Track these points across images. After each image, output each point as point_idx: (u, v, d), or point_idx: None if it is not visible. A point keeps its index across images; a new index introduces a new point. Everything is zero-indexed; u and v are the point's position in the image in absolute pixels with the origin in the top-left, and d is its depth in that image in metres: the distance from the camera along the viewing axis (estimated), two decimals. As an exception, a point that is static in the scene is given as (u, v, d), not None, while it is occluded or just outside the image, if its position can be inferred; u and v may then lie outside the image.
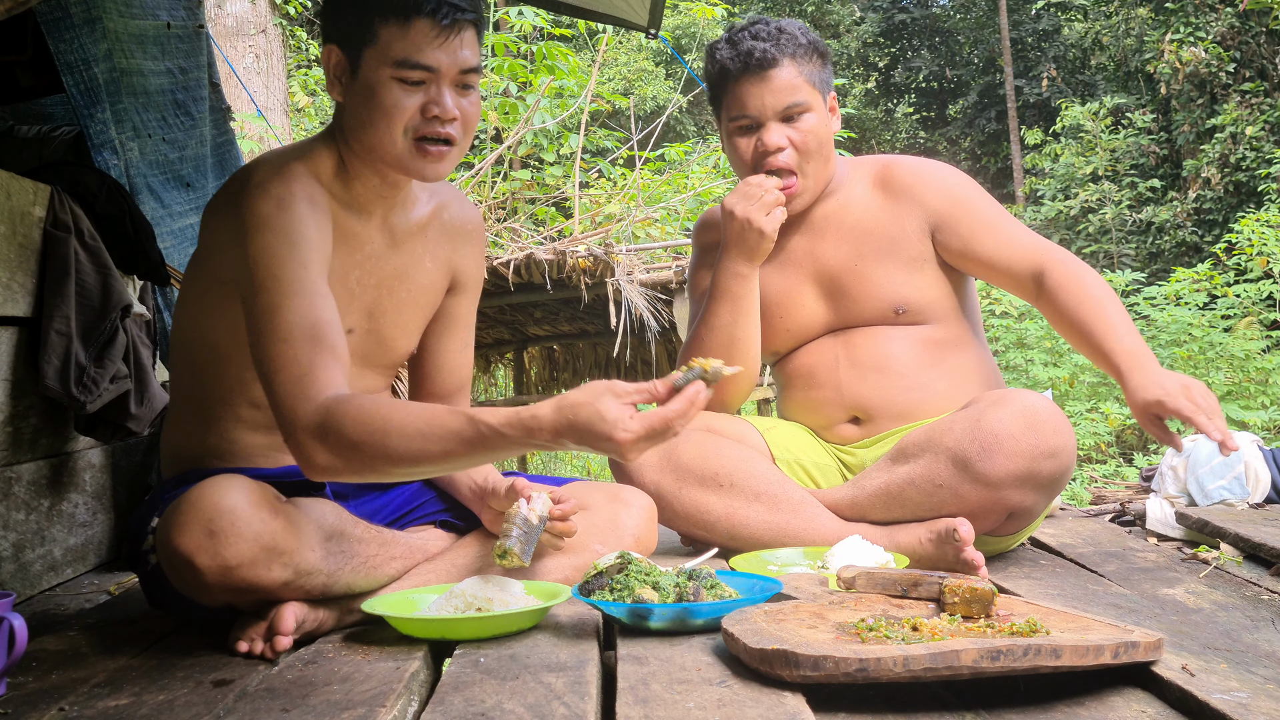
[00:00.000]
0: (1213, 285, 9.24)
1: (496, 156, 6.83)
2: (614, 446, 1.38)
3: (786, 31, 2.17)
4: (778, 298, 2.29)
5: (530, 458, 6.98)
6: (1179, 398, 1.87)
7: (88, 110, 2.77)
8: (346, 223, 1.77)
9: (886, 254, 2.21)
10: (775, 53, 2.14)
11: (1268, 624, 1.57)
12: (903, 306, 2.20)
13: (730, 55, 2.17)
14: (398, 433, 1.44)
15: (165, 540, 1.52)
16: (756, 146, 2.18)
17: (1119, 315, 2.01)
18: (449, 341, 1.98)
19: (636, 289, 4.47)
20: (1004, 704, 1.23)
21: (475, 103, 1.73)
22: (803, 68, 2.16)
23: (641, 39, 3.84)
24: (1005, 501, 1.94)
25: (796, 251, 2.29)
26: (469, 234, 1.95)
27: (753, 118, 2.17)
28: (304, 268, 1.61)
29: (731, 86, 2.18)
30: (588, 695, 1.28)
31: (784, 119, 2.16)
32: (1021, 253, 2.15)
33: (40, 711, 1.35)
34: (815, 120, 2.18)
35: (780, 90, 2.15)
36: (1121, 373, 1.95)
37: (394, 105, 1.66)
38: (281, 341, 1.56)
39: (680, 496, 2.18)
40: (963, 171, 2.28)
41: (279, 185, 1.66)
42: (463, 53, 1.68)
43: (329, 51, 1.71)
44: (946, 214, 2.19)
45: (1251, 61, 13.00)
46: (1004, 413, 1.91)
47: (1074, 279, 2.08)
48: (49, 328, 2.19)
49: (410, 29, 1.64)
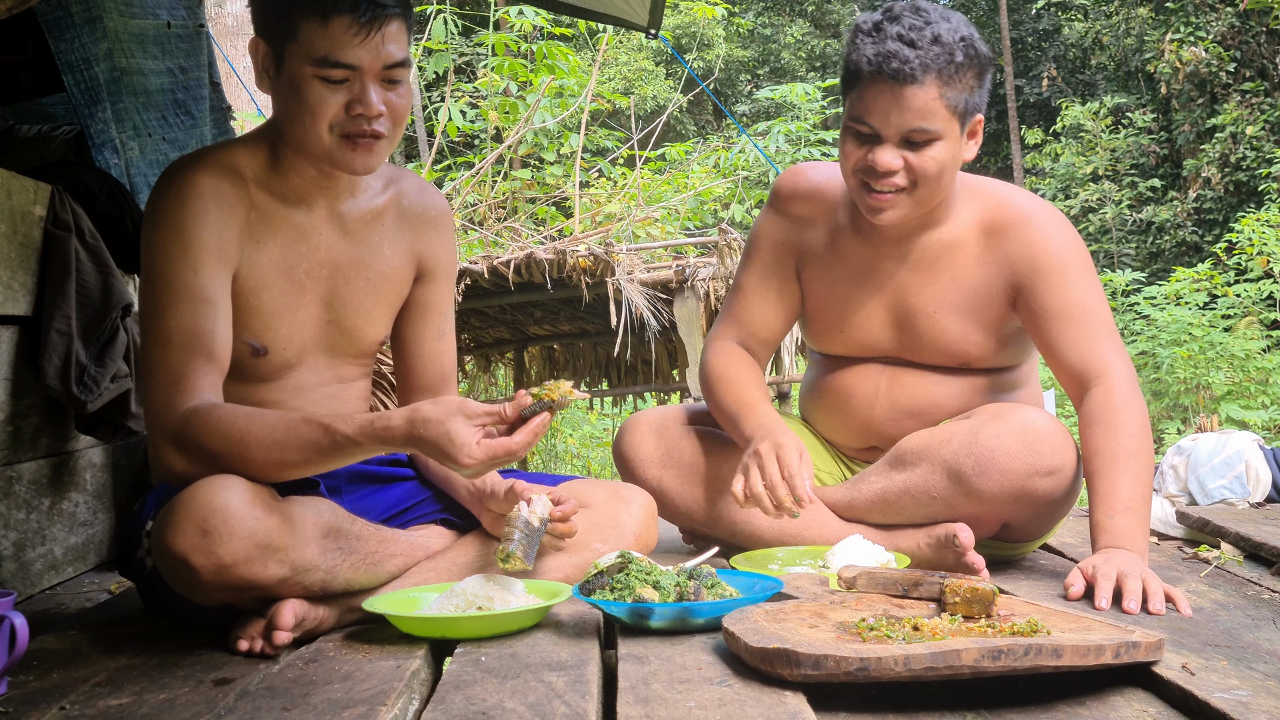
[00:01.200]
0: (1213, 285, 9.24)
1: (497, 156, 6.83)
2: (457, 467, 1.53)
3: (942, 41, 1.85)
4: (845, 309, 2.11)
5: (530, 457, 6.98)
6: (1108, 576, 1.68)
7: (88, 110, 2.77)
8: (284, 214, 1.78)
9: (968, 311, 2.03)
10: (918, 68, 1.83)
11: (1268, 623, 1.57)
12: (971, 360, 2.07)
13: (870, 53, 1.86)
14: (255, 444, 1.56)
15: (160, 542, 1.52)
16: (865, 159, 1.91)
17: (1126, 481, 1.80)
18: (424, 330, 1.98)
19: (637, 288, 4.47)
20: (1005, 704, 1.23)
21: (404, 94, 1.72)
22: (947, 90, 1.86)
23: (642, 38, 3.83)
24: (999, 516, 1.94)
25: (881, 271, 2.08)
26: (432, 220, 1.94)
27: (872, 129, 1.90)
28: (194, 272, 1.67)
29: (861, 82, 1.89)
30: (588, 694, 1.28)
31: (906, 141, 1.89)
32: (1078, 356, 1.95)
33: (41, 710, 1.35)
34: (942, 150, 1.90)
35: (910, 111, 1.86)
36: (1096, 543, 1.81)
37: (317, 103, 1.66)
38: (160, 345, 1.66)
39: (682, 494, 2.18)
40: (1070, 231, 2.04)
41: (182, 183, 1.70)
42: (387, 48, 1.66)
43: (256, 44, 1.72)
44: (1029, 282, 1.98)
45: (1252, 61, 13.00)
46: (1002, 428, 1.90)
47: (1110, 414, 1.86)
48: (49, 327, 2.19)
49: (329, 26, 1.63)
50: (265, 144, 1.77)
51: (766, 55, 18.38)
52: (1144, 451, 1.84)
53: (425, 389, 1.99)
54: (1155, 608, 1.61)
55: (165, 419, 1.63)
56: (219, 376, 1.69)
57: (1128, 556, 1.72)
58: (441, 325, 1.99)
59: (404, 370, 2.00)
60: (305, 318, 1.81)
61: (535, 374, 5.92)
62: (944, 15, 1.90)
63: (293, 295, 1.78)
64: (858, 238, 2.09)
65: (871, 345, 2.12)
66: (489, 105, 7.68)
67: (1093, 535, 1.80)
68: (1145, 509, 1.80)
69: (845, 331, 2.13)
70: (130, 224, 2.57)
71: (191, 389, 1.64)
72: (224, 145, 1.79)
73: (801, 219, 2.15)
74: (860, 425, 2.14)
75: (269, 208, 1.76)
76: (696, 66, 14.79)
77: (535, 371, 5.93)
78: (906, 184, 1.91)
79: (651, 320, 4.44)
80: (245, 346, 1.76)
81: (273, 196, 1.77)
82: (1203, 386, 7.65)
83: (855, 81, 1.91)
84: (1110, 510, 1.78)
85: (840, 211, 2.12)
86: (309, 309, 1.81)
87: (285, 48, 1.67)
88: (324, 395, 1.87)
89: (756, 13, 18.86)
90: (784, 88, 11.91)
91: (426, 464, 1.95)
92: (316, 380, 1.85)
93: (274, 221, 1.76)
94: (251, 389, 1.79)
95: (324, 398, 1.87)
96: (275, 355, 1.80)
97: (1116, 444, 1.83)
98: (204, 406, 1.60)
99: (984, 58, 1.91)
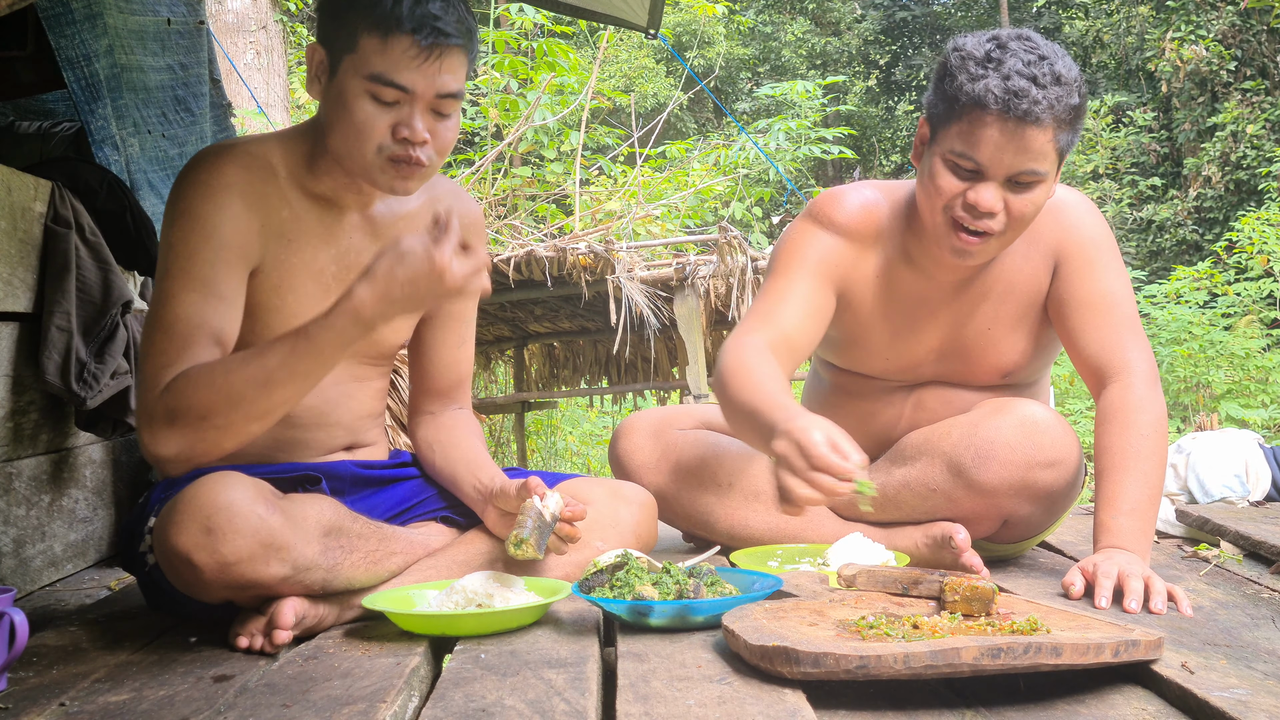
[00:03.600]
0: (1213, 283, 9.25)
1: (497, 153, 6.82)
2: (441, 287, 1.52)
3: (1064, 80, 1.76)
4: (894, 340, 2.04)
5: (530, 455, 6.99)
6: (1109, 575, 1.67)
7: (89, 106, 2.77)
8: (316, 214, 1.76)
9: (1020, 320, 2.00)
10: (1044, 110, 1.74)
11: (1268, 622, 1.57)
12: (1013, 371, 2.03)
13: (996, 88, 1.74)
14: (239, 377, 1.56)
15: (162, 539, 1.52)
16: (965, 197, 1.81)
17: (1134, 481, 1.78)
18: (445, 337, 1.98)
19: (637, 286, 4.47)
20: (1004, 702, 1.23)
21: (451, 127, 1.70)
22: (1060, 132, 1.78)
23: (642, 36, 3.84)
24: (1000, 509, 1.93)
25: (935, 301, 2.01)
26: (465, 229, 1.92)
27: (978, 165, 1.79)
28: (210, 264, 1.65)
29: (974, 115, 1.77)
30: (588, 691, 1.28)
31: (1011, 182, 1.80)
32: (1099, 349, 1.91)
33: (41, 707, 1.35)
34: (1041, 193, 1.82)
35: (1026, 153, 1.76)
36: (1098, 542, 1.79)
37: (365, 120, 1.64)
38: (162, 332, 1.64)
39: (680, 496, 2.17)
40: (1101, 219, 2.01)
41: (209, 172, 1.68)
42: (442, 77, 1.64)
43: (314, 49, 1.70)
44: (1061, 269, 1.95)
45: (1252, 60, 13.00)
46: (1002, 421, 1.89)
47: (1125, 412, 1.84)
48: (50, 323, 2.19)
49: (389, 45, 1.61)
50: (305, 142, 1.75)
51: (767, 53, 18.37)
52: (1155, 452, 1.82)
53: (439, 393, 1.99)
54: (1156, 607, 1.60)
55: (150, 399, 1.61)
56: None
57: (1129, 556, 1.71)
58: (462, 333, 1.99)
59: (419, 374, 1.99)
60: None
61: (535, 371, 5.93)
62: (1053, 48, 1.81)
63: (318, 298, 1.75)
64: (911, 270, 2.01)
65: (912, 370, 2.08)
66: (489, 102, 7.67)
67: (1095, 534, 1.80)
68: (1151, 511, 1.79)
69: (889, 359, 2.07)
70: (130, 220, 2.57)
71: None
72: (260, 137, 1.77)
73: (853, 244, 2.02)
74: (877, 446, 2.10)
75: (300, 206, 1.74)
76: (697, 64, 14.79)
77: (535, 369, 5.93)
78: (1001, 228, 1.83)
79: (651, 318, 4.44)
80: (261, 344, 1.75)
81: (305, 195, 1.75)
82: (1202, 385, 7.65)
83: (964, 114, 1.78)
84: (1115, 510, 1.77)
85: (890, 242, 2.02)
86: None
87: (342, 59, 1.65)
88: (340, 394, 1.86)
89: (757, 10, 18.85)
90: (784, 85, 11.92)
91: (434, 463, 1.95)
92: (332, 380, 1.84)
93: (305, 221, 1.75)
94: None
95: (340, 396, 1.87)
96: None
97: (1128, 443, 1.81)
98: (180, 373, 1.59)
99: (1085, 99, 1.83)
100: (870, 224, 2.02)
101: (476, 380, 6.21)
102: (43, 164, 2.60)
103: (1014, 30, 1.83)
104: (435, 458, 1.94)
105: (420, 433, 1.99)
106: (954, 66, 1.81)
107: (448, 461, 1.91)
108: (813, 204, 2.07)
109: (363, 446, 1.94)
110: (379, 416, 1.97)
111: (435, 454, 1.94)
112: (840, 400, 2.16)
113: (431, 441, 1.96)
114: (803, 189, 12.79)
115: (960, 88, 1.78)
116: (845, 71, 18.49)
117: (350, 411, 1.89)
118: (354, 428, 1.91)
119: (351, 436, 1.91)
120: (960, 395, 2.06)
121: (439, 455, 1.93)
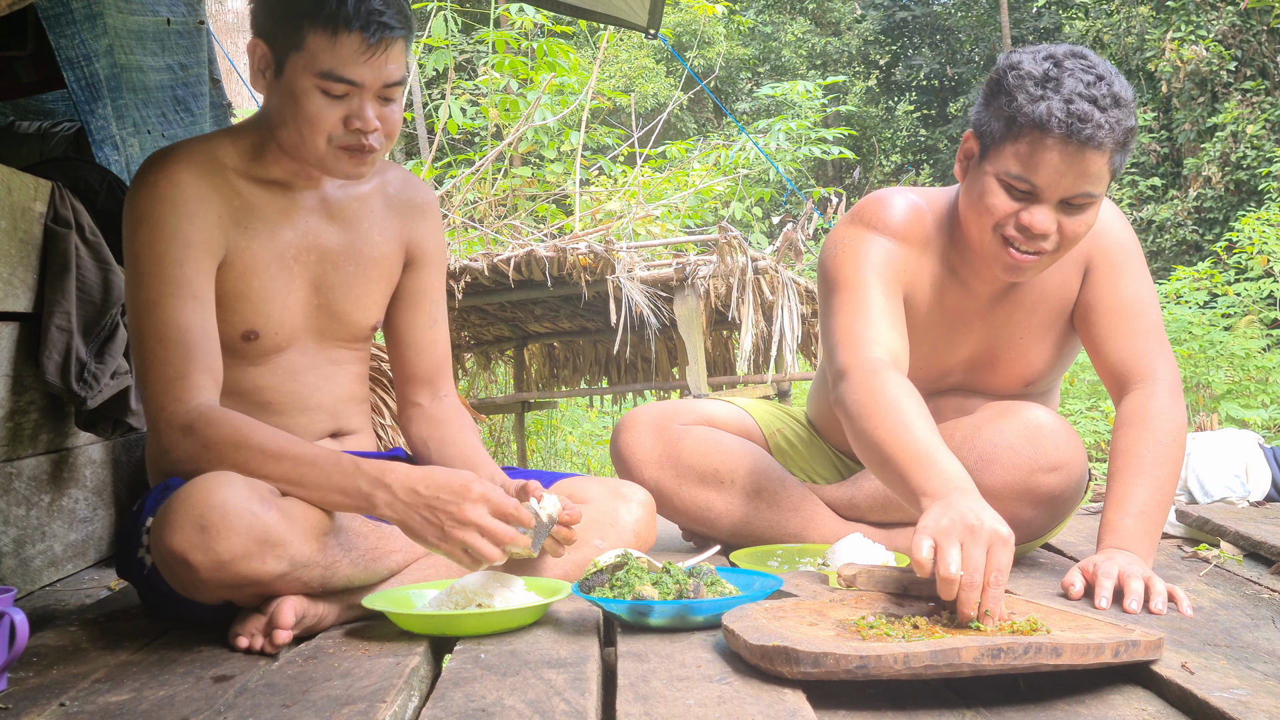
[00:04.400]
0: (1213, 284, 9.24)
1: (497, 153, 6.82)
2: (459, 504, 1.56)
3: (1122, 103, 1.74)
4: (930, 351, 2.03)
5: (530, 455, 6.98)
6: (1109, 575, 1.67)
7: (89, 106, 2.77)
8: (269, 200, 1.81)
9: (1050, 326, 2.00)
10: (1106, 134, 1.71)
11: (1268, 622, 1.57)
12: (1035, 379, 2.03)
13: (1059, 111, 1.70)
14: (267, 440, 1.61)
15: (158, 540, 1.53)
16: (1019, 219, 1.79)
17: (1146, 486, 1.78)
18: (415, 318, 2.00)
19: (637, 286, 4.47)
20: (1004, 702, 1.23)
21: (397, 109, 1.75)
22: (1117, 154, 1.75)
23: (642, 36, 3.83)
24: (1002, 514, 1.92)
25: (973, 313, 2.00)
26: (419, 208, 1.98)
27: (1033, 187, 1.76)
28: (180, 265, 1.70)
29: (1033, 137, 1.73)
30: (588, 691, 1.28)
31: (1064, 203, 1.78)
32: (1123, 356, 1.91)
33: (41, 707, 1.35)
34: (1093, 214, 1.81)
35: (1083, 177, 1.74)
36: (1101, 542, 1.79)
37: (316, 114, 1.69)
38: (157, 341, 1.69)
39: (680, 494, 2.17)
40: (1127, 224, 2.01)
41: (158, 178, 1.72)
42: (388, 67, 1.69)
43: (255, 45, 1.73)
44: (1091, 272, 1.95)
45: (1252, 60, 13.00)
46: (1005, 424, 1.89)
47: (1145, 418, 1.83)
48: (50, 323, 2.18)
49: (338, 43, 1.65)
50: (252, 135, 1.80)
51: (767, 53, 18.37)
52: (1171, 460, 1.81)
53: (422, 380, 2.01)
54: (1156, 607, 1.60)
55: (173, 411, 1.66)
56: (219, 367, 1.73)
57: (1129, 556, 1.71)
58: (433, 313, 2.02)
59: (399, 361, 2.02)
60: (295, 302, 1.84)
61: (535, 371, 5.93)
62: (1107, 67, 1.77)
63: (283, 280, 1.81)
64: (954, 282, 2.00)
65: (940, 380, 2.07)
66: (489, 102, 7.67)
67: (1100, 533, 1.79)
68: (1160, 516, 1.78)
69: (922, 368, 2.04)
70: (130, 220, 2.56)
71: (195, 385, 1.68)
72: (203, 137, 1.81)
73: (910, 249, 1.98)
74: None
75: (253, 195, 1.79)
76: (697, 64, 14.79)
77: (535, 369, 5.93)
78: (1053, 248, 1.81)
79: (651, 318, 4.43)
80: (237, 332, 1.79)
81: (256, 183, 1.79)
82: (1202, 385, 7.65)
83: (1022, 136, 1.74)
84: (1124, 511, 1.76)
85: (936, 252, 1.99)
86: (298, 294, 1.84)
87: (288, 55, 1.69)
88: (317, 377, 1.89)
89: (757, 10, 18.85)
90: (784, 85, 11.92)
91: (427, 460, 1.95)
92: (308, 363, 1.88)
93: (260, 208, 1.79)
94: (244, 372, 1.82)
95: (317, 379, 1.89)
96: (266, 339, 1.83)
97: (1145, 448, 1.80)
98: (215, 418, 1.64)
99: (1136, 123, 1.80)
100: (921, 229, 1.98)
101: (477, 380, 6.20)
102: (43, 164, 2.60)
103: (1068, 47, 1.79)
104: (430, 454, 1.95)
105: (413, 428, 2.00)
106: (1011, 85, 1.76)
107: (443, 459, 1.92)
108: (859, 210, 2.01)
109: (347, 434, 1.95)
110: (361, 403, 1.99)
111: (430, 450, 1.95)
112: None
113: (425, 438, 1.96)
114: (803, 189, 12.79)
115: (1020, 109, 1.74)
116: (845, 71, 18.50)
117: (330, 395, 1.91)
118: (336, 412, 1.93)
119: (334, 422, 1.93)
120: (976, 403, 2.06)
121: (434, 452, 1.94)
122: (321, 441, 1.90)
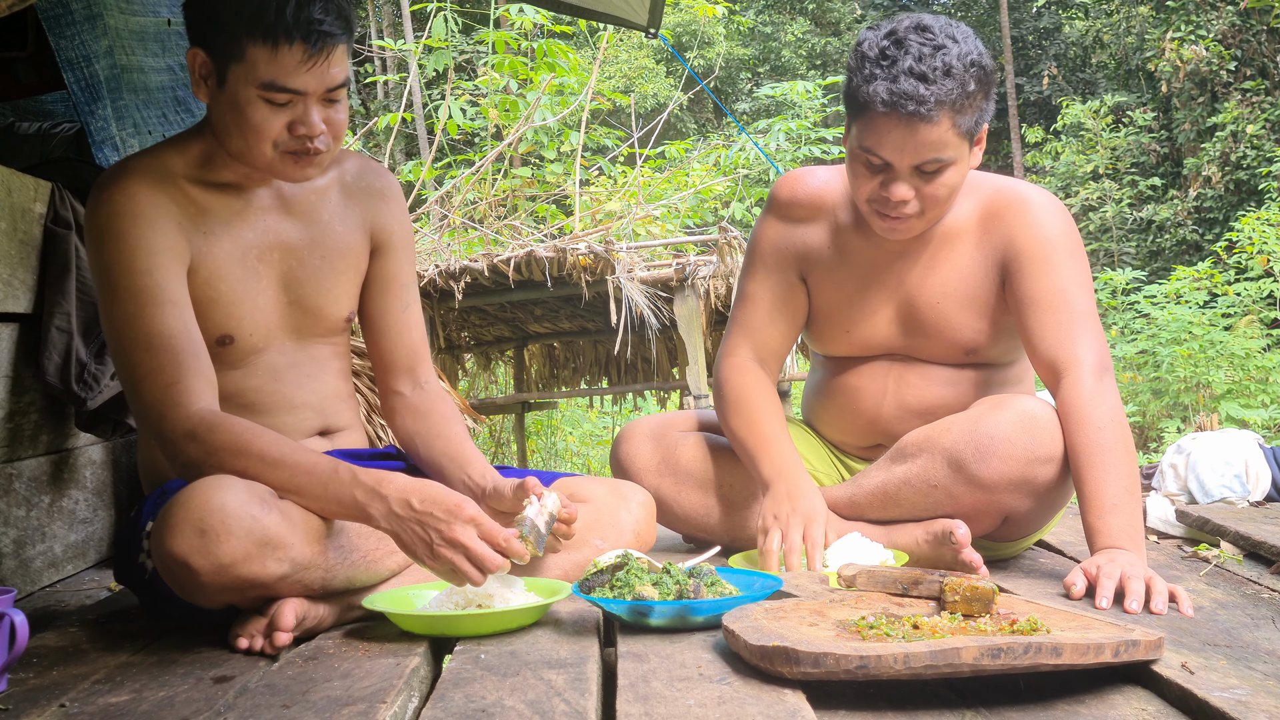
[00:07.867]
0: (1213, 283, 9.24)
1: (497, 154, 6.82)
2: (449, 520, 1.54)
3: (954, 73, 1.82)
4: (852, 309, 2.11)
5: (530, 456, 6.98)
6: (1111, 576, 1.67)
7: (89, 107, 2.77)
8: (225, 203, 1.80)
9: (969, 300, 2.04)
10: (933, 107, 1.81)
11: (1268, 622, 1.57)
12: (974, 349, 2.06)
13: (883, 92, 1.82)
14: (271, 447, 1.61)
15: (159, 545, 1.52)
16: (879, 191, 1.91)
17: (1107, 478, 1.79)
18: (388, 303, 1.99)
19: (637, 286, 4.47)
20: (1004, 702, 1.23)
21: (342, 109, 1.75)
22: (959, 118, 1.85)
23: (642, 36, 3.82)
24: (1000, 505, 1.93)
25: (886, 269, 2.08)
26: (379, 192, 1.96)
27: (884, 160, 1.88)
28: (150, 274, 1.70)
29: (868, 116, 1.86)
30: (588, 692, 1.28)
31: (919, 170, 1.89)
32: (1048, 346, 1.93)
33: (41, 708, 1.35)
34: (953, 174, 1.91)
35: (924, 146, 1.84)
36: (1093, 544, 1.79)
37: (261, 123, 1.69)
38: (143, 350, 1.68)
39: (680, 500, 2.18)
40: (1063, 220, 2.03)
41: (114, 193, 1.72)
42: (331, 72, 1.69)
43: (195, 54, 1.72)
44: (1015, 267, 1.98)
45: (1252, 60, 13.00)
46: (1001, 416, 1.90)
47: (1078, 409, 1.85)
48: (50, 324, 2.19)
49: (279, 54, 1.64)
50: (199, 143, 1.79)
51: (767, 53, 18.38)
52: (1117, 443, 1.82)
53: (400, 368, 1.99)
54: (1157, 607, 1.61)
55: (174, 418, 1.64)
56: (210, 370, 1.71)
57: (1130, 557, 1.72)
58: (404, 297, 2.00)
59: (376, 350, 2.01)
60: (265, 302, 1.83)
61: (535, 371, 5.93)
62: (950, 34, 1.86)
63: (250, 281, 1.81)
64: (861, 237, 2.08)
65: (878, 344, 2.11)
66: (489, 103, 7.67)
67: (1087, 537, 1.80)
68: (1132, 503, 1.79)
69: (852, 332, 2.12)
70: (130, 221, 2.56)
71: (192, 390, 1.66)
72: (148, 150, 1.81)
73: (803, 223, 2.13)
74: (867, 423, 2.13)
75: (208, 200, 1.78)
76: (697, 64, 14.79)
77: (535, 369, 5.93)
78: (918, 211, 1.93)
79: (651, 318, 4.43)
80: (211, 337, 1.78)
81: (209, 189, 1.79)
82: (1202, 385, 7.65)
83: (864, 112, 1.87)
84: (1099, 511, 1.78)
85: (841, 212, 2.10)
86: (268, 292, 1.83)
87: (229, 66, 1.68)
88: (299, 375, 1.88)
89: (757, 11, 18.86)
90: (784, 86, 11.92)
91: (418, 455, 1.95)
92: (287, 362, 1.87)
93: (217, 211, 1.79)
94: (225, 376, 1.80)
95: (299, 377, 1.88)
96: (242, 341, 1.81)
97: (1088, 440, 1.82)
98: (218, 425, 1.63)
99: (990, 75, 1.88)
100: (819, 201, 2.12)
101: (477, 380, 6.20)
102: (43, 165, 2.60)
103: (915, 18, 1.89)
104: (418, 449, 1.94)
105: (399, 421, 1.99)
106: (852, 66, 1.91)
107: (431, 454, 1.92)
108: (771, 193, 2.20)
109: (336, 431, 1.95)
110: (348, 398, 1.98)
111: (418, 446, 1.95)
112: (829, 383, 2.19)
113: (412, 433, 1.96)
114: (803, 189, 12.75)
115: (856, 89, 1.88)
116: (845, 71, 18.49)
117: (314, 392, 1.90)
118: (322, 409, 1.92)
119: (322, 419, 1.92)
120: (939, 372, 2.09)
121: (421, 447, 1.94)
122: (311, 439, 1.90)
